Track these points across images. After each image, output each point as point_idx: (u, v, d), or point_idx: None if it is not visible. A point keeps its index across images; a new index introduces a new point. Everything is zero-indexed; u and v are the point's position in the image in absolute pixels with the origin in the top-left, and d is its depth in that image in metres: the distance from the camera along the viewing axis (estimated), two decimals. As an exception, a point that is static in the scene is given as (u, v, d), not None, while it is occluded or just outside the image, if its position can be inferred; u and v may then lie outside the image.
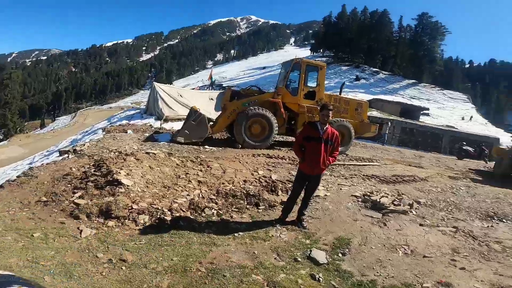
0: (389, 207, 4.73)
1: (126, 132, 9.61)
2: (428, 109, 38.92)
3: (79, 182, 4.73)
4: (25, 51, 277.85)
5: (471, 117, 43.14)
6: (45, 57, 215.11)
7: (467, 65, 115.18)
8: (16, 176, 5.44)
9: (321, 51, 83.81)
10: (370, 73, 59.57)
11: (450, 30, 60.93)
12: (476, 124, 40.86)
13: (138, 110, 16.14)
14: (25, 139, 24.98)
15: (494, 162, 11.14)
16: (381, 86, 52.11)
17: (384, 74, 59.42)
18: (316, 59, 16.06)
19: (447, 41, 61.60)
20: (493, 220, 4.94)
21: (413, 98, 46.70)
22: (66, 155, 6.52)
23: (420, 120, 32.57)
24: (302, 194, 4.14)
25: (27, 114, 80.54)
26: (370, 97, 35.88)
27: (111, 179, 4.59)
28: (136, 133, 9.56)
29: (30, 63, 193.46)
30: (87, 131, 12.94)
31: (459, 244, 3.92)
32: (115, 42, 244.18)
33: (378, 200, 4.91)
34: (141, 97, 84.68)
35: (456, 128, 28.78)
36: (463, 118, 41.71)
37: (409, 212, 4.76)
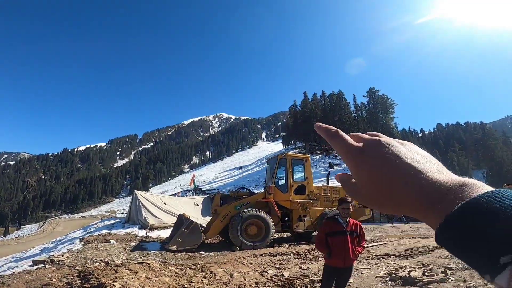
0: (422, 279, 4.42)
1: (109, 242, 9.07)
2: (403, 183, 40.69)
3: (62, 293, 4.13)
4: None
5: (445, 184, 45.30)
6: (14, 162, 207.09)
7: (420, 134, 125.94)
8: (-16, 283, 4.95)
9: (292, 142, 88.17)
10: (340, 158, 62.36)
11: (396, 101, 66.68)
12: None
13: (118, 219, 15.25)
14: (-15, 244, 21.70)
15: None
16: (354, 169, 54.36)
17: (354, 157, 62.53)
18: (290, 152, 16.91)
19: (397, 113, 66.85)
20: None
21: (385, 175, 48.66)
22: (42, 265, 6.10)
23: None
24: None
25: (-11, 222, 73.02)
26: (347, 182, 36.97)
27: (105, 291, 3.98)
28: (120, 242, 9.02)
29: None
30: (60, 240, 11.84)
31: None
32: (87, 146, 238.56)
33: (407, 275, 4.58)
34: (116, 205, 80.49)
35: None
36: (437, 186, 43.55)
37: (447, 279, 4.47)
